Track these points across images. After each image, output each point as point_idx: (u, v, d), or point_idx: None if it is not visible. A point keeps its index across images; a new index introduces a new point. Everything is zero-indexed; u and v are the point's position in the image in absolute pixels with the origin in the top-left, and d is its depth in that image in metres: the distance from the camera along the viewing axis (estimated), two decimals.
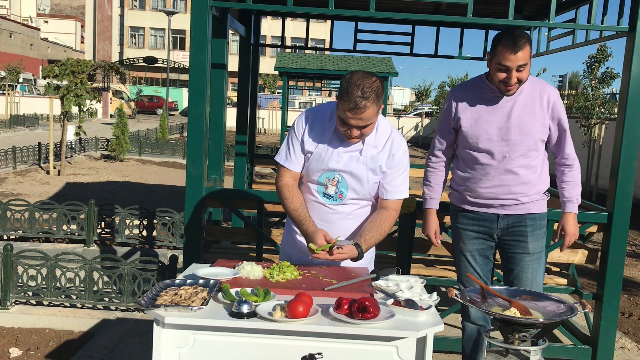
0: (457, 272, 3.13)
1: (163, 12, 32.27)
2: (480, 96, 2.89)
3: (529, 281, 2.93)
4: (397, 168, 2.54)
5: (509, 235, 2.96)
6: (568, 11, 4.87)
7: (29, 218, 6.65)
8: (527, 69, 2.74)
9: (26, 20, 64.55)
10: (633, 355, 4.35)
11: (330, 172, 2.52)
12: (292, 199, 2.53)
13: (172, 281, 2.19)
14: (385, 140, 2.53)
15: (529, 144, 2.83)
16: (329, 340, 1.93)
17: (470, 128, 2.88)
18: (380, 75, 15.94)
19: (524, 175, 2.87)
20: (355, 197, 2.55)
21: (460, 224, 3.06)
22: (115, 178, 12.57)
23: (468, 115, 2.89)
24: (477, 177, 2.92)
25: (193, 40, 3.62)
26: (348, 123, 2.37)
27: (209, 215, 4.92)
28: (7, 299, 4.53)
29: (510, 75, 2.71)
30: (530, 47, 2.71)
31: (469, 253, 3.03)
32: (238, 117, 5.98)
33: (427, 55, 5.88)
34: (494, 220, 2.95)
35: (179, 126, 25.90)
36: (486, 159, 2.88)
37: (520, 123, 2.81)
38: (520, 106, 2.83)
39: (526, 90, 2.85)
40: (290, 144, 2.57)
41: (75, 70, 12.16)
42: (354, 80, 2.33)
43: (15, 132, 21.29)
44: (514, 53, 2.65)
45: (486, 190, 2.91)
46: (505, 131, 2.82)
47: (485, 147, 2.87)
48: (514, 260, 2.97)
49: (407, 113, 38.77)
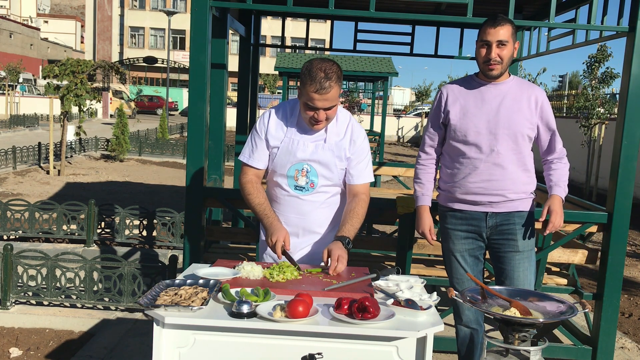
0: (448, 274, 3.12)
1: (163, 12, 32.27)
2: (469, 91, 2.95)
3: (521, 280, 2.93)
4: (359, 153, 2.67)
5: (499, 234, 2.96)
6: (568, 11, 4.87)
7: (29, 218, 6.65)
8: (510, 49, 2.81)
9: (26, 20, 64.56)
10: (633, 355, 4.35)
11: (298, 163, 2.63)
12: (257, 194, 2.67)
13: (172, 281, 2.19)
14: (345, 127, 2.68)
15: (517, 138, 2.86)
16: (329, 340, 1.93)
17: (459, 121, 2.91)
18: (380, 75, 15.99)
19: (512, 170, 2.89)
20: (326, 184, 2.66)
21: (449, 225, 3.06)
22: (115, 178, 12.57)
23: (457, 108, 2.93)
24: (466, 172, 2.93)
25: (193, 40, 3.62)
26: (314, 105, 2.49)
27: (209, 215, 4.92)
28: (7, 299, 4.53)
29: (491, 50, 2.79)
30: (512, 29, 2.81)
31: (459, 254, 3.03)
32: (238, 117, 5.98)
33: (427, 55, 5.89)
34: (482, 219, 2.95)
35: (179, 126, 25.90)
36: (474, 153, 2.90)
37: (508, 116, 2.85)
38: (508, 101, 2.87)
39: (514, 88, 2.90)
40: (252, 143, 2.70)
41: (75, 70, 12.16)
42: (315, 65, 2.49)
43: (15, 132, 21.30)
44: (493, 27, 2.78)
45: (474, 185, 2.91)
46: (493, 124, 2.86)
47: (473, 140, 2.89)
48: (504, 259, 2.97)
49: (407, 113, 38.75)
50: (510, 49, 2.82)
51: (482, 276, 3.11)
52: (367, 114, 28.04)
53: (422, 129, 30.44)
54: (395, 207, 3.76)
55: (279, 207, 2.71)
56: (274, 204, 2.74)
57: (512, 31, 2.82)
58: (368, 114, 26.18)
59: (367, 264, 3.94)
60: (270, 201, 2.74)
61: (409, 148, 26.96)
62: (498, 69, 2.84)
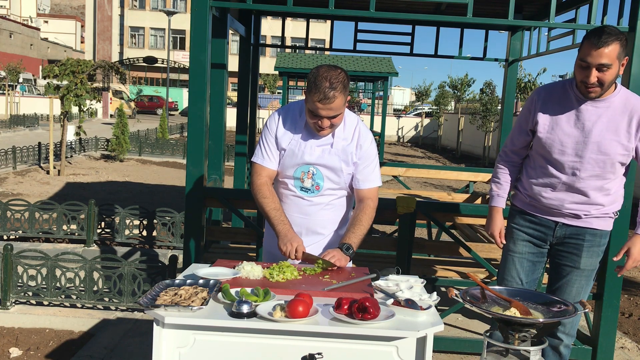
0: (499, 272, 3.00)
1: (163, 12, 32.25)
2: (564, 102, 2.67)
3: (572, 296, 2.78)
4: (366, 158, 2.66)
5: (563, 246, 2.81)
6: (568, 11, 4.87)
7: (29, 218, 6.65)
8: (613, 72, 2.49)
9: (26, 20, 64.53)
10: (633, 355, 4.35)
11: (304, 165, 2.62)
12: (273, 198, 2.64)
13: (172, 281, 2.19)
14: (352, 132, 2.66)
15: (605, 165, 2.63)
16: (329, 340, 1.93)
17: (545, 134, 2.70)
18: (380, 75, 16.01)
19: (594, 197, 2.69)
20: (332, 187, 2.66)
21: (515, 224, 2.92)
22: (115, 178, 12.56)
23: (547, 120, 2.70)
24: (543, 187, 2.76)
25: (193, 40, 3.62)
26: (318, 114, 2.47)
27: (209, 215, 4.92)
28: (7, 299, 4.53)
29: (590, 73, 2.49)
30: (620, 48, 2.47)
31: (517, 256, 2.89)
32: (238, 117, 5.98)
33: (427, 55, 5.89)
34: (551, 227, 2.81)
35: (179, 126, 25.89)
36: (554, 171, 2.70)
37: (600, 141, 2.59)
38: (604, 122, 2.60)
39: (616, 105, 2.61)
40: (264, 144, 2.68)
41: (75, 70, 12.15)
42: (321, 73, 2.45)
43: (15, 132, 21.29)
44: (596, 48, 2.44)
45: (549, 202, 2.76)
46: (581, 146, 2.62)
47: (556, 158, 2.68)
48: (562, 271, 2.82)
49: (407, 113, 38.77)
50: (615, 71, 2.50)
51: (535, 285, 2.97)
52: (367, 114, 28.07)
53: (422, 129, 30.47)
54: (395, 207, 3.76)
55: (284, 206, 2.70)
56: (280, 202, 2.72)
57: (620, 50, 2.47)
58: (368, 114, 26.20)
59: (370, 264, 3.94)
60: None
61: (409, 148, 26.96)
62: (596, 93, 2.56)
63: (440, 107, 29.15)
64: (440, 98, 29.34)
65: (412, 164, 6.48)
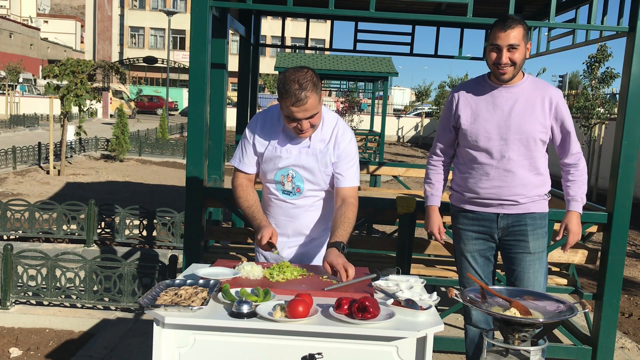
0: (458, 273, 3.13)
1: (163, 12, 32.26)
2: (481, 94, 2.90)
3: (531, 281, 2.92)
4: (344, 156, 2.64)
5: (510, 235, 2.95)
6: (568, 11, 4.87)
7: (29, 218, 6.65)
8: (521, 52, 2.75)
9: (26, 20, 64.55)
10: (633, 355, 4.35)
11: (283, 169, 2.63)
12: (246, 197, 2.69)
13: (172, 281, 2.19)
14: (331, 131, 2.65)
15: (528, 143, 2.83)
16: (329, 340, 1.93)
17: (469, 126, 2.89)
18: (380, 75, 15.99)
19: (524, 176, 2.87)
20: (313, 189, 2.66)
21: (460, 225, 3.05)
22: (115, 178, 12.56)
23: (468, 113, 2.90)
24: (477, 177, 2.91)
25: (193, 40, 3.62)
26: (295, 117, 2.46)
27: (209, 215, 4.92)
28: (7, 299, 4.53)
29: (501, 54, 2.73)
30: (524, 31, 2.73)
31: (469, 254, 3.03)
32: (238, 117, 5.98)
33: (427, 55, 5.89)
34: (493, 220, 2.95)
35: (179, 126, 25.89)
36: (485, 158, 2.88)
37: (520, 122, 2.81)
38: (520, 105, 2.82)
39: (527, 89, 2.85)
40: (243, 148, 2.72)
41: (75, 70, 12.15)
42: (288, 77, 2.44)
43: (15, 132, 21.29)
44: (503, 31, 2.71)
45: (486, 191, 2.91)
46: (504, 130, 2.82)
47: (484, 145, 2.86)
48: (515, 260, 2.96)
49: (407, 113, 38.75)
50: (522, 52, 2.76)
51: (492, 277, 3.10)
52: (367, 114, 28.04)
53: (422, 129, 30.46)
54: (395, 207, 3.76)
55: (269, 210, 2.75)
56: (266, 206, 2.77)
57: (524, 33, 2.74)
58: (368, 114, 26.19)
59: (370, 264, 3.94)
60: (264, 203, 2.78)
61: (409, 148, 26.96)
62: (509, 73, 2.78)
63: (440, 107, 29.16)
64: (440, 98, 29.37)
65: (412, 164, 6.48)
